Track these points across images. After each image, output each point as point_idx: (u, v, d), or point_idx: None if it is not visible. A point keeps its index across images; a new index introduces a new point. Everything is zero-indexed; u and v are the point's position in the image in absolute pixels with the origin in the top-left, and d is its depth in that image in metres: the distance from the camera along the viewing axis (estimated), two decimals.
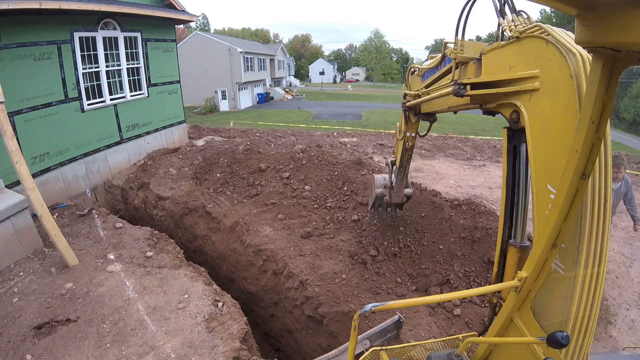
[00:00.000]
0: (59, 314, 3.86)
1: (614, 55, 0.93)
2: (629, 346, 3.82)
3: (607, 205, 1.31)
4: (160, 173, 8.12)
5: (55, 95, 6.84)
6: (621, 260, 5.28)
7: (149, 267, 4.70)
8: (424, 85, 2.86)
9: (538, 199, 1.44)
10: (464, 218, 5.03)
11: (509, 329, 1.68)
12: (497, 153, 11.66)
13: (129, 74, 8.73)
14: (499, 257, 1.85)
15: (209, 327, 3.70)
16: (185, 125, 11.30)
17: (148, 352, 3.42)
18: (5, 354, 3.39)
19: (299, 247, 5.08)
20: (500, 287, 1.74)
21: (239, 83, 30.72)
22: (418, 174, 8.69)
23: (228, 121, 19.07)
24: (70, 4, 6.45)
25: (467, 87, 1.76)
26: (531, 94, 1.43)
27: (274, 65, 41.69)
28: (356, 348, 1.52)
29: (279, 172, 7.00)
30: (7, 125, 4.32)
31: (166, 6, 9.62)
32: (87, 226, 5.78)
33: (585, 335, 1.37)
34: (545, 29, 1.38)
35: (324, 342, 4.24)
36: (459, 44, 1.89)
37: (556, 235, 1.34)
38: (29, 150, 6.24)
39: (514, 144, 1.74)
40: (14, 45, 6.03)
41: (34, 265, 4.71)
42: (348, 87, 59.42)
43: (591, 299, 1.34)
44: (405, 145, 3.70)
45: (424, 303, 2.91)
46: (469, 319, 3.92)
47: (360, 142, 12.84)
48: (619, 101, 34.51)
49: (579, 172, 1.18)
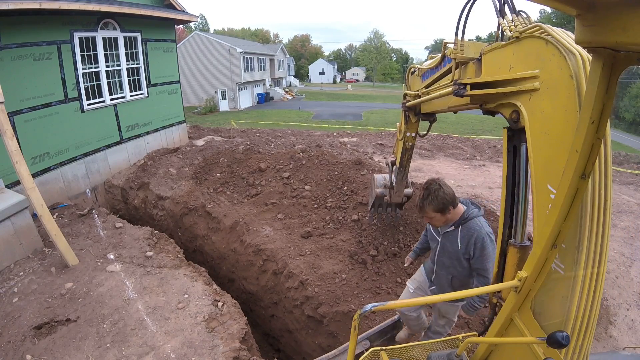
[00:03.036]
0: (59, 314, 3.86)
1: (614, 55, 0.93)
2: (629, 346, 3.82)
3: (607, 205, 1.31)
4: (160, 173, 8.12)
5: (55, 95, 6.84)
6: (621, 260, 5.28)
7: (149, 267, 4.70)
8: (423, 85, 2.86)
9: (538, 199, 1.44)
10: None
11: (509, 329, 1.68)
12: (497, 153, 11.66)
13: (128, 74, 8.72)
14: (499, 257, 1.85)
15: (209, 327, 3.70)
16: (185, 125, 11.30)
17: (148, 352, 3.42)
18: (5, 354, 3.38)
19: (299, 247, 5.08)
20: (500, 287, 1.74)
21: (238, 83, 30.73)
22: (418, 174, 8.69)
23: (228, 121, 19.08)
24: (70, 4, 6.45)
25: (467, 87, 1.75)
26: (531, 94, 1.43)
27: (273, 66, 41.68)
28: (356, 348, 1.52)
29: (279, 172, 7.00)
30: (7, 125, 4.32)
31: (166, 6, 9.62)
32: (87, 226, 5.78)
33: (585, 335, 1.37)
34: (545, 29, 1.38)
35: (324, 342, 4.24)
36: (459, 44, 1.89)
37: (556, 235, 1.34)
38: (29, 150, 6.23)
39: (514, 144, 1.74)
40: (14, 45, 6.03)
41: (34, 265, 4.71)
42: (348, 87, 59.42)
43: (591, 299, 1.34)
44: (406, 145, 3.70)
45: (424, 303, 2.92)
46: (469, 318, 3.92)
47: (360, 142, 12.84)
48: (619, 101, 34.52)
49: (579, 172, 1.18)
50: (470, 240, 2.41)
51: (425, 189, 2.40)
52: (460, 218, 2.47)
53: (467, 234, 2.43)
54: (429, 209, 2.38)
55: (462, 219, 2.46)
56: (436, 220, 2.46)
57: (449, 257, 2.58)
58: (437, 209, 2.36)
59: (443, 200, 2.33)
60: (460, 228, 2.47)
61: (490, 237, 2.40)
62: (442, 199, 2.33)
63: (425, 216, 2.48)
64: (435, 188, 2.36)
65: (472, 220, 2.45)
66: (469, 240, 2.42)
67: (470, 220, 2.45)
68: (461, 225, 2.47)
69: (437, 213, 2.39)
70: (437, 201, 2.34)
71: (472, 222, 2.44)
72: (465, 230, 2.45)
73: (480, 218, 2.48)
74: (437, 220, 2.46)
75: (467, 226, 2.45)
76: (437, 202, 2.33)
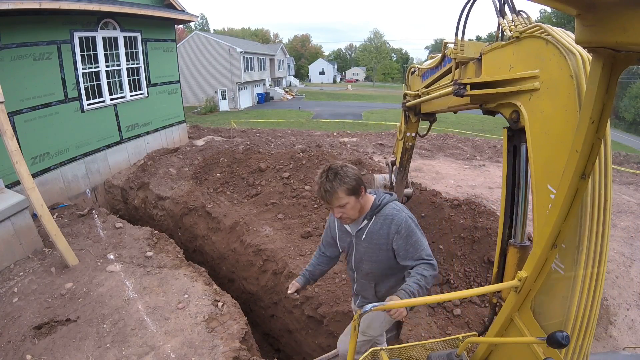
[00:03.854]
0: (58, 314, 3.86)
1: (614, 55, 0.93)
2: (629, 346, 3.82)
3: (607, 205, 1.31)
4: (160, 173, 8.12)
5: (55, 95, 6.84)
6: (621, 260, 5.28)
7: (149, 267, 4.70)
8: (424, 85, 2.86)
9: (538, 199, 1.45)
10: (464, 218, 5.04)
11: (509, 329, 1.68)
12: (497, 153, 11.66)
13: (128, 74, 8.73)
14: (499, 257, 1.85)
15: (208, 327, 3.70)
16: (185, 125, 11.30)
17: (148, 352, 3.41)
18: (5, 354, 3.38)
19: (299, 247, 5.08)
20: (500, 287, 1.74)
21: (238, 83, 30.73)
22: (418, 174, 8.69)
23: (228, 121, 19.08)
24: (70, 4, 6.45)
25: (467, 87, 1.75)
26: (531, 94, 1.43)
27: (273, 65, 41.69)
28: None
29: (279, 172, 7.00)
30: (7, 125, 4.31)
31: (166, 6, 9.62)
32: (87, 226, 5.78)
33: (585, 335, 1.37)
34: (545, 29, 1.38)
35: (324, 342, 4.24)
36: (459, 44, 1.89)
37: (556, 235, 1.34)
38: (29, 150, 6.23)
39: (514, 144, 1.74)
40: (14, 45, 6.03)
41: (33, 265, 4.71)
42: (348, 87, 59.44)
43: (591, 299, 1.34)
44: (406, 145, 3.70)
45: (424, 303, 2.91)
46: (469, 319, 3.92)
47: (360, 142, 12.84)
48: (618, 101, 34.53)
49: (579, 172, 1.18)
50: (391, 229, 1.96)
51: (328, 170, 1.89)
52: (373, 207, 2.02)
53: (385, 223, 1.99)
54: (341, 191, 1.85)
55: (374, 208, 2.02)
56: (350, 209, 1.92)
57: (369, 259, 2.10)
58: (351, 189, 1.86)
59: (355, 177, 1.88)
60: (374, 219, 2.02)
61: (414, 220, 2.01)
62: (353, 175, 1.88)
63: (335, 206, 1.92)
64: (340, 165, 1.90)
65: (387, 205, 2.02)
66: (389, 229, 1.97)
67: (385, 206, 2.02)
68: (375, 216, 2.02)
69: (351, 196, 1.89)
70: (348, 178, 1.86)
71: (387, 207, 2.01)
72: (381, 219, 2.00)
73: (396, 201, 2.07)
74: (351, 209, 1.93)
75: (383, 214, 2.00)
76: (349, 179, 1.85)
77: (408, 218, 1.98)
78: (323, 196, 1.90)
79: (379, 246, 2.02)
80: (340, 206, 1.91)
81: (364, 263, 2.14)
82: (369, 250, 2.07)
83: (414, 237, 1.94)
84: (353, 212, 1.95)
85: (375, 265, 2.10)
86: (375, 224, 2.02)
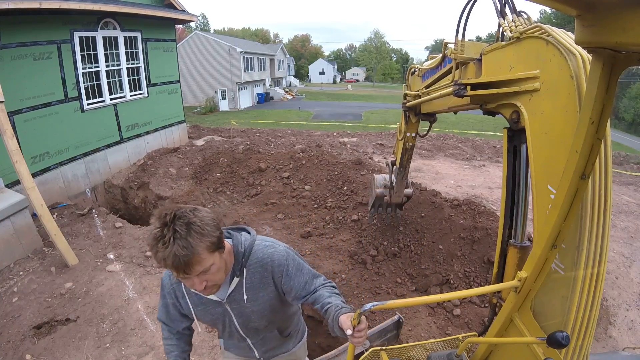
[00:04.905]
0: (58, 314, 3.86)
1: (614, 55, 0.93)
2: (628, 346, 3.82)
3: (607, 205, 1.31)
4: (160, 173, 8.12)
5: (55, 95, 6.84)
6: (621, 260, 5.28)
7: (148, 267, 4.70)
8: (424, 85, 2.86)
9: (538, 199, 1.45)
10: (463, 218, 5.04)
11: (509, 329, 1.68)
12: (497, 153, 11.67)
13: (128, 73, 8.72)
14: (498, 258, 1.85)
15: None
16: (185, 125, 11.30)
17: (148, 351, 3.42)
18: (5, 354, 3.38)
19: (298, 247, 5.08)
20: (500, 287, 1.74)
21: (238, 83, 30.72)
22: (418, 174, 8.69)
23: (228, 121, 19.08)
24: (70, 4, 6.45)
25: (467, 88, 1.76)
26: (531, 95, 1.43)
27: (273, 65, 41.68)
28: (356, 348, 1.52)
29: (279, 172, 7.00)
30: (6, 125, 4.32)
31: (166, 6, 9.62)
32: (86, 226, 5.78)
33: (585, 336, 1.37)
34: (545, 30, 1.38)
35: (324, 342, 4.24)
36: (459, 45, 1.89)
37: (556, 236, 1.34)
38: (29, 150, 6.23)
39: (514, 144, 1.74)
40: (14, 44, 6.03)
41: (33, 265, 4.71)
42: (348, 87, 59.45)
43: (591, 299, 1.34)
44: (406, 145, 3.70)
45: (424, 303, 2.91)
46: (468, 319, 3.92)
47: (360, 142, 12.85)
48: (618, 101, 34.55)
49: (579, 172, 1.18)
50: (276, 273, 1.52)
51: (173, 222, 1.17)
52: (238, 257, 1.48)
53: (265, 270, 1.52)
54: (203, 249, 1.21)
55: (241, 257, 1.48)
56: (216, 271, 1.32)
57: (261, 317, 1.61)
58: (216, 242, 1.27)
59: (214, 222, 1.28)
60: (247, 271, 1.51)
61: (289, 248, 1.61)
62: (211, 220, 1.28)
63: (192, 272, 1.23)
64: (189, 210, 1.24)
65: (255, 247, 1.52)
66: (273, 274, 1.53)
67: (252, 252, 1.51)
68: (245, 267, 1.50)
69: (214, 253, 1.28)
70: (208, 228, 1.23)
71: (255, 253, 1.52)
72: (257, 267, 1.51)
73: (259, 237, 1.59)
74: (218, 271, 1.33)
75: (255, 260, 1.51)
76: (210, 228, 1.24)
77: (285, 250, 1.57)
78: (177, 265, 1.18)
79: (269, 299, 1.57)
80: (203, 272, 1.27)
81: (256, 322, 1.64)
82: (260, 308, 1.58)
83: (304, 269, 1.57)
84: (220, 274, 1.37)
85: (274, 316, 1.67)
86: (251, 276, 1.52)
